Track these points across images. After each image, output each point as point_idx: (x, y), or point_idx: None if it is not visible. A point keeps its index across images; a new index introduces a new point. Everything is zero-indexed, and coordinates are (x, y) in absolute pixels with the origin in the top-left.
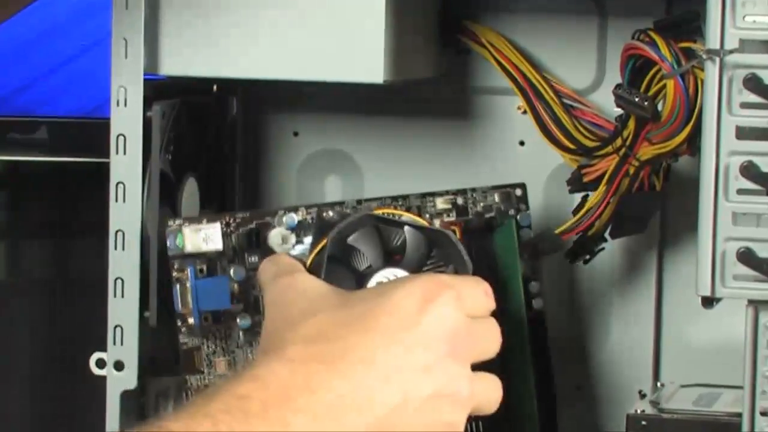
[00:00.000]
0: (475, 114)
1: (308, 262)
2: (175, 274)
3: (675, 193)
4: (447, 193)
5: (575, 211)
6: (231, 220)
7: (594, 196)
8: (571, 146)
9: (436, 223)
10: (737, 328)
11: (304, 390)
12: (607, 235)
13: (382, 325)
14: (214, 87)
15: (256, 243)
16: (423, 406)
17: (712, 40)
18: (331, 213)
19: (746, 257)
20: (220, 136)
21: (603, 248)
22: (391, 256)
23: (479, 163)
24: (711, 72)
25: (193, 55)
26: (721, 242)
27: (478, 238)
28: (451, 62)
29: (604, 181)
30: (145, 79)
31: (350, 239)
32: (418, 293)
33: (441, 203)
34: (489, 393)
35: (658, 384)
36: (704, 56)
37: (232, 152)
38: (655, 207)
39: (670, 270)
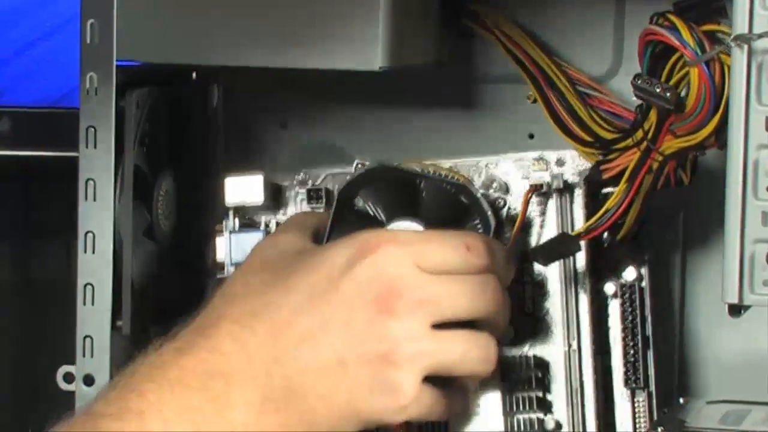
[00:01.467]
0: (480, 104)
1: (330, 219)
2: (217, 225)
3: (699, 190)
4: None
5: (595, 211)
6: (306, 177)
7: (614, 195)
8: (588, 138)
9: (525, 184)
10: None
11: (218, 355)
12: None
13: (305, 283)
14: (194, 74)
15: (318, 199)
16: (344, 369)
17: (740, 23)
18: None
19: None
20: (201, 128)
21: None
22: (416, 211)
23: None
24: (738, 58)
25: (171, 39)
26: (750, 244)
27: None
28: (454, 48)
29: (625, 177)
30: (117, 66)
31: (364, 192)
32: (351, 249)
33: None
34: (461, 351)
35: (681, 400)
36: (732, 44)
37: (214, 146)
38: (684, 203)
39: (694, 275)
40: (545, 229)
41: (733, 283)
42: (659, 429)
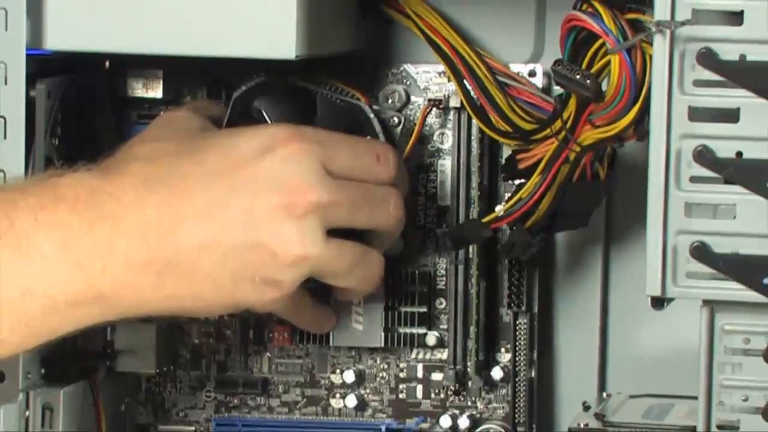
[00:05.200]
0: None
1: (225, 121)
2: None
3: (621, 182)
4: None
5: (508, 200)
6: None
7: (528, 185)
8: (506, 129)
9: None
10: (691, 331)
11: (115, 202)
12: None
13: (214, 161)
14: (107, 63)
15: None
16: (234, 252)
17: (662, 10)
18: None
19: (700, 253)
20: (115, 118)
21: (541, 244)
22: (311, 125)
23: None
24: (660, 46)
25: (83, 27)
26: (673, 236)
27: None
28: (372, 35)
29: (540, 168)
30: (27, 55)
31: (260, 101)
32: (262, 138)
33: None
34: (348, 264)
35: (604, 394)
36: (653, 28)
37: (129, 137)
38: (599, 198)
39: (616, 268)
40: (444, 146)
41: (656, 276)
42: (579, 425)
